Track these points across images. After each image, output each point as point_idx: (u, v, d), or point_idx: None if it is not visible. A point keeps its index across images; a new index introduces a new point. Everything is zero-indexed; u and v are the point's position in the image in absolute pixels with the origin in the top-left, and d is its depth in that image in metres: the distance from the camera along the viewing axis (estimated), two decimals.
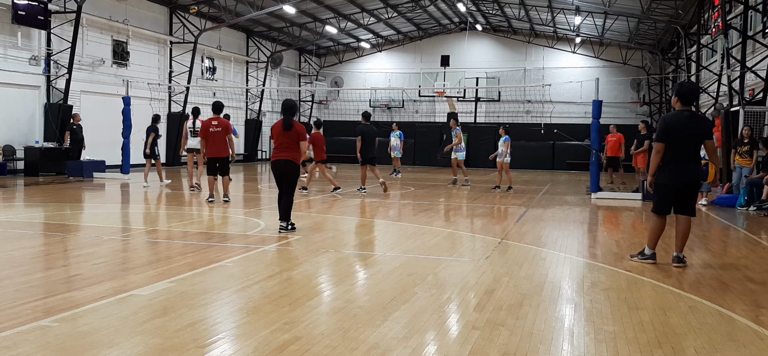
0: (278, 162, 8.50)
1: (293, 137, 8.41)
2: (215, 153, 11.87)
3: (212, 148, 11.84)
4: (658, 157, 6.57)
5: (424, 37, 35.06)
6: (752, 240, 9.04)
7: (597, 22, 27.72)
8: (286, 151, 8.42)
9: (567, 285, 5.82)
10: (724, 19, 16.80)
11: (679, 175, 6.52)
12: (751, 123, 15.10)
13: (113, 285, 5.37)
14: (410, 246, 7.85)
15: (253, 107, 32.13)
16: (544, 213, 11.72)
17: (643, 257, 6.81)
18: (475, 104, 32.37)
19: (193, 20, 26.14)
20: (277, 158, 8.52)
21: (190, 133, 14.12)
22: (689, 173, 6.55)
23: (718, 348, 4.08)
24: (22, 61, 19.15)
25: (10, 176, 18.35)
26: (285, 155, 8.43)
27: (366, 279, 6.08)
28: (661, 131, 6.59)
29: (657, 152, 6.57)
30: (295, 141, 8.42)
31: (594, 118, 15.18)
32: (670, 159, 6.52)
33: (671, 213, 6.72)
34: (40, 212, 10.86)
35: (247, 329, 4.31)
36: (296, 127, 8.44)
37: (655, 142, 6.66)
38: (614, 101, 30.45)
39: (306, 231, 8.75)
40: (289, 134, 8.40)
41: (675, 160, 6.50)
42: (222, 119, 12.10)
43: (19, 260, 6.52)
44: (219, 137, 11.82)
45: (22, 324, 4.20)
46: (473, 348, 3.95)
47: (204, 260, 6.73)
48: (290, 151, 8.41)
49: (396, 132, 22.04)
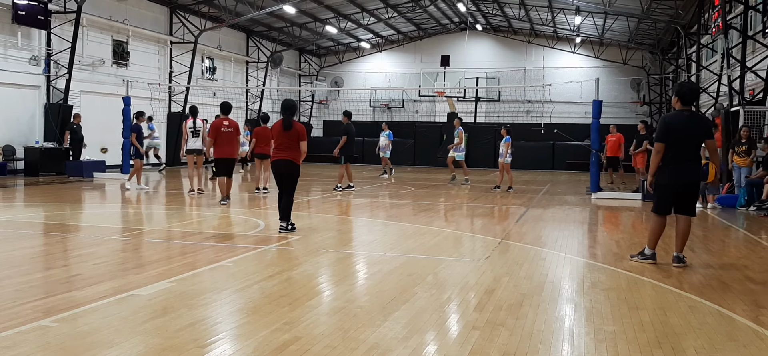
0: (278, 162, 8.51)
1: (293, 137, 8.42)
2: (228, 153, 11.84)
3: (226, 148, 11.79)
4: (659, 157, 6.57)
5: (424, 37, 35.06)
6: (752, 240, 9.04)
7: (597, 22, 27.72)
8: (286, 151, 8.43)
9: (567, 285, 5.82)
10: (724, 19, 16.80)
11: (679, 175, 6.52)
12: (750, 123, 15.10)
13: (113, 285, 5.37)
14: (410, 246, 7.85)
15: (253, 107, 32.13)
16: (544, 213, 11.72)
17: (643, 257, 6.81)
18: (475, 104, 32.37)
19: (193, 20, 26.14)
20: (277, 158, 8.53)
21: (190, 133, 13.81)
22: (689, 173, 6.55)
23: (718, 348, 4.08)
24: (22, 61, 19.15)
25: (10, 176, 18.35)
26: (285, 154, 8.44)
27: (366, 279, 6.08)
28: (661, 131, 6.59)
29: (657, 152, 6.57)
30: (295, 141, 8.43)
31: (594, 118, 15.18)
32: (671, 159, 6.51)
33: (671, 213, 6.71)
34: (40, 212, 10.86)
35: (247, 329, 4.31)
36: (296, 127, 8.45)
37: (655, 142, 6.63)
38: (614, 101, 30.46)
39: (306, 231, 8.75)
40: (289, 134, 8.41)
41: (675, 160, 6.50)
42: (232, 120, 12.09)
43: (19, 260, 6.52)
44: (231, 138, 11.82)
45: (22, 324, 4.20)
46: (473, 348, 3.95)
47: (204, 260, 6.73)
48: (290, 151, 8.43)
49: (385, 132, 21.51)
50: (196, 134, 13.67)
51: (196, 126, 13.67)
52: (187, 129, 13.75)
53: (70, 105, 19.99)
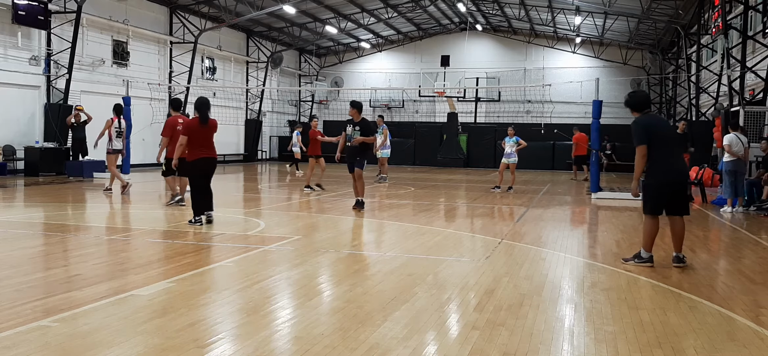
0: (210, 160, 9.09)
1: (212, 132, 9.10)
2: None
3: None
4: (644, 160, 6.54)
5: (424, 37, 35.07)
6: (752, 240, 9.03)
7: (597, 22, 27.73)
8: (212, 147, 9.12)
9: (567, 285, 5.82)
10: (724, 19, 16.81)
11: (667, 174, 6.52)
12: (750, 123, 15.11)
13: (113, 285, 5.36)
14: (410, 246, 7.84)
15: (253, 107, 32.14)
16: (544, 213, 11.71)
17: (640, 260, 6.72)
18: (475, 104, 32.38)
19: (193, 20, 26.15)
20: (209, 156, 9.04)
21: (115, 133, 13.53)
22: (676, 172, 6.57)
23: (718, 348, 4.08)
24: (22, 61, 19.16)
25: (10, 176, 18.35)
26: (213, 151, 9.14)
27: (366, 279, 6.08)
28: (641, 133, 6.52)
29: (642, 156, 6.52)
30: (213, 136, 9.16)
31: (594, 118, 15.17)
32: (657, 158, 6.51)
33: (662, 213, 6.68)
34: (40, 212, 10.86)
35: (247, 329, 4.31)
36: (211, 122, 9.06)
37: (637, 145, 6.50)
38: (614, 101, 30.40)
39: (306, 231, 8.74)
40: (208, 129, 9.01)
41: (660, 159, 6.50)
42: (185, 117, 11.65)
43: (19, 260, 6.52)
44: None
45: (22, 324, 4.20)
46: (473, 348, 3.95)
47: (204, 260, 6.73)
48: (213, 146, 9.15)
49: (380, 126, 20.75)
50: (119, 135, 13.87)
51: (121, 126, 13.72)
52: (113, 129, 13.67)
53: (70, 105, 19.98)
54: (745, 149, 12.08)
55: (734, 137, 11.98)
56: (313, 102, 36.64)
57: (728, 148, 11.90)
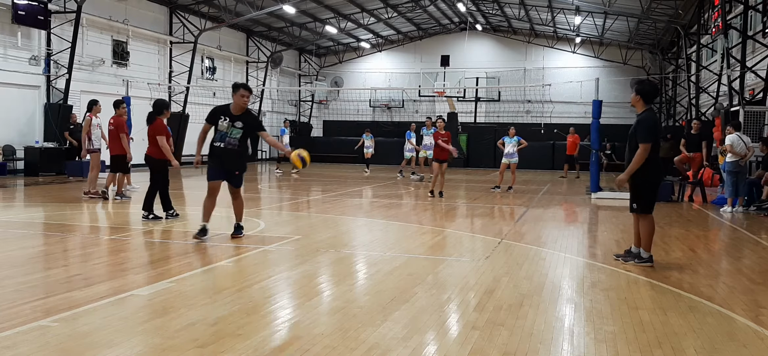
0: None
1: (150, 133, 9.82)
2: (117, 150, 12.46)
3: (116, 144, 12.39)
4: (646, 157, 6.53)
5: (424, 37, 35.07)
6: (752, 240, 9.03)
7: (597, 22, 27.72)
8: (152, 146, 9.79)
9: (567, 285, 5.82)
10: (724, 19, 16.80)
11: (660, 173, 6.70)
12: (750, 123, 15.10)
13: (113, 285, 5.36)
14: (410, 246, 7.84)
15: (253, 107, 32.13)
16: (544, 213, 11.71)
17: (640, 261, 6.70)
18: (475, 104, 32.38)
19: (193, 20, 26.15)
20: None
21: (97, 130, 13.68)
22: (662, 171, 6.68)
23: (718, 348, 4.08)
24: (22, 61, 19.16)
25: (10, 176, 18.35)
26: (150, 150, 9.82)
27: (366, 279, 6.08)
28: (654, 130, 6.53)
29: (646, 152, 6.52)
30: (152, 136, 9.81)
31: (594, 118, 15.18)
32: (654, 157, 6.53)
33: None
34: (40, 212, 10.86)
35: (247, 329, 4.30)
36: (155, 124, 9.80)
37: (644, 142, 6.44)
38: (614, 101, 30.44)
39: (306, 231, 8.74)
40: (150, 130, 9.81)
41: (656, 157, 6.55)
42: (117, 117, 12.52)
43: (19, 260, 6.52)
44: (113, 135, 12.49)
45: (22, 324, 4.20)
46: (473, 348, 3.95)
47: (204, 260, 6.73)
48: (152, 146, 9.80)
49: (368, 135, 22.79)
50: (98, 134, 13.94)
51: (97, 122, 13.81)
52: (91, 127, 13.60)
53: (70, 105, 19.98)
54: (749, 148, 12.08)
55: (736, 137, 11.98)
56: (313, 102, 36.63)
57: (730, 148, 11.90)
